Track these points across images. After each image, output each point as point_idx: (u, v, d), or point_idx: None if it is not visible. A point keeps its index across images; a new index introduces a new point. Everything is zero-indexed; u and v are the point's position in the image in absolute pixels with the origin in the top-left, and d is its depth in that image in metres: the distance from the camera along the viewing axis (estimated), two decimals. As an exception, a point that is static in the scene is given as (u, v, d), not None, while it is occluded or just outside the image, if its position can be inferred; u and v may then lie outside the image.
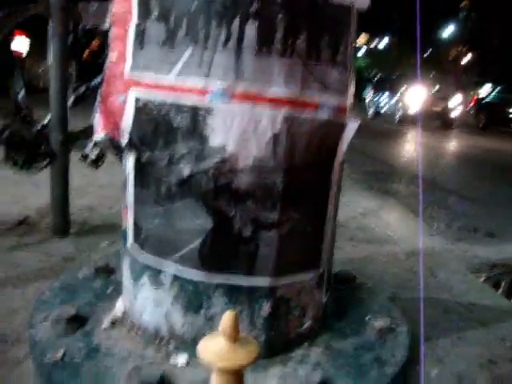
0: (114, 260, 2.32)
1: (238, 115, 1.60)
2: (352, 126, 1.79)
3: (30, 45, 10.35)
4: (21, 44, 10.11)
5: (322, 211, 1.86)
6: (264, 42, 1.58)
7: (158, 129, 1.68)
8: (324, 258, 1.92)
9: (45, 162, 3.01)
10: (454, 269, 3.10)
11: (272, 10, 1.58)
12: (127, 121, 1.74)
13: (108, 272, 2.34)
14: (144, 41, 1.69)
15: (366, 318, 2.13)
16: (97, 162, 2.98)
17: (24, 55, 10.33)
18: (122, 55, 1.76)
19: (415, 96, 16.85)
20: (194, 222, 1.68)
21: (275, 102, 1.62)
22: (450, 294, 2.70)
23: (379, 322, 2.05)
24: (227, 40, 1.58)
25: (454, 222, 4.46)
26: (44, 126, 3.01)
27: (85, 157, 2.97)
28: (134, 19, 1.71)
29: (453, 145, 12.77)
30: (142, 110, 1.70)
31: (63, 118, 2.76)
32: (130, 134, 1.74)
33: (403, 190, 5.81)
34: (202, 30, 1.59)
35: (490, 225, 4.41)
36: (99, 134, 1.82)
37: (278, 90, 1.61)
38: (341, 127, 1.78)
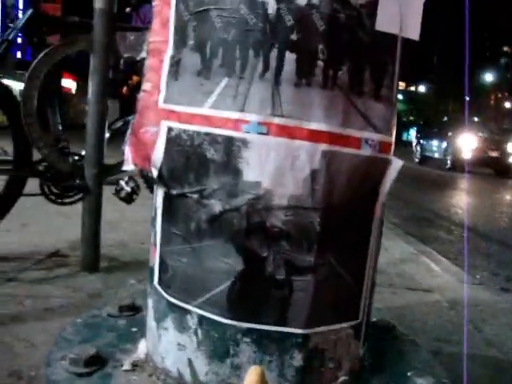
0: (141, 299, 2.21)
1: (274, 149, 1.50)
2: (396, 165, 1.65)
3: (78, 83, 10.69)
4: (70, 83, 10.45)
5: (362, 255, 1.71)
6: (303, 74, 1.48)
7: (189, 161, 1.59)
8: (363, 307, 1.75)
9: (78, 196, 2.96)
10: (501, 322, 2.86)
11: (312, 40, 1.49)
12: (158, 152, 1.65)
13: (133, 311, 2.22)
14: (179, 71, 1.61)
15: (408, 375, 1.93)
16: (131, 197, 2.91)
17: (73, 92, 10.66)
18: (156, 86, 1.69)
19: (467, 140, 15.20)
20: (224, 262, 1.56)
21: (314, 135, 1.50)
22: (499, 351, 2.46)
23: (422, 381, 1.86)
24: (264, 71, 1.48)
25: (500, 271, 4.20)
26: (79, 159, 2.98)
27: (118, 191, 2.91)
28: (170, 49, 1.65)
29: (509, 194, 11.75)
30: (173, 140, 1.62)
31: (99, 151, 2.72)
32: (161, 166, 1.65)
33: (445, 238, 5.56)
34: (239, 60, 1.50)
35: (538, 275, 4.13)
36: (129, 165, 1.74)
37: (317, 123, 1.50)
38: (384, 165, 1.65)
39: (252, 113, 1.49)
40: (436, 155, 18.11)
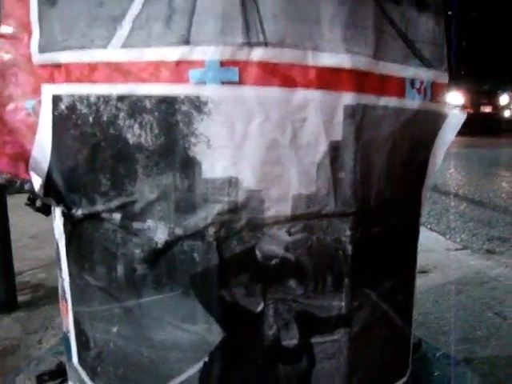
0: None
1: (256, 111, 0.72)
2: (454, 121, 0.92)
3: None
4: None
5: (410, 278, 0.97)
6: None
7: (98, 153, 0.79)
8: (411, 355, 1.04)
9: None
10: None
11: None
12: (42, 143, 0.84)
13: (58, 378, 1.41)
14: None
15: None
16: (49, 206, 2.06)
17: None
18: (24, 24, 0.87)
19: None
20: (186, 331, 0.78)
21: (330, 78, 0.73)
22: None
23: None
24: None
25: (478, 232, 3.56)
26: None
27: (32, 200, 2.04)
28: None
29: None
30: (65, 118, 0.81)
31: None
32: (49, 168, 0.84)
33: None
34: None
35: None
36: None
37: (333, 53, 0.73)
38: (436, 122, 0.91)
39: (206, 44, 0.70)
40: None
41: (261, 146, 0.72)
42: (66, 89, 0.80)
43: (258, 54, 0.70)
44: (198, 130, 0.72)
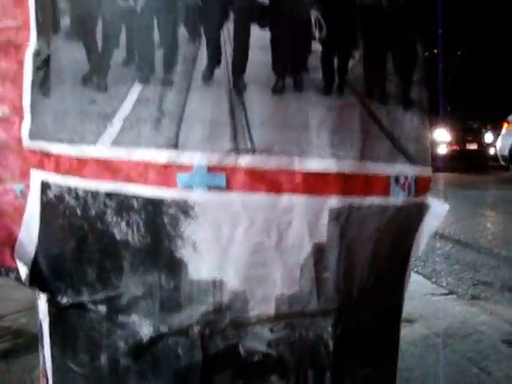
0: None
1: (242, 215, 0.73)
2: (437, 211, 0.93)
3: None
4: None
5: (393, 361, 0.98)
6: (287, 68, 0.72)
7: (85, 245, 0.79)
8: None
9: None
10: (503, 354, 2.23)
11: (300, 1, 0.73)
12: (29, 226, 0.85)
13: None
14: (50, 79, 0.81)
15: None
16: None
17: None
18: (16, 109, 0.87)
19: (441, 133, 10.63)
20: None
21: (316, 182, 0.75)
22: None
23: None
24: (212, 66, 0.71)
25: (463, 275, 3.56)
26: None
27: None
28: (33, 40, 0.84)
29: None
30: (53, 207, 0.81)
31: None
32: (36, 255, 0.84)
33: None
34: (159, 48, 0.72)
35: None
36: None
37: (319, 158, 0.74)
38: (420, 215, 0.92)
39: (194, 149, 0.72)
40: None
41: (246, 249, 0.73)
42: (54, 178, 0.81)
43: (245, 161, 0.71)
44: (184, 234, 0.72)
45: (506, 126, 7.90)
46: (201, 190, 0.71)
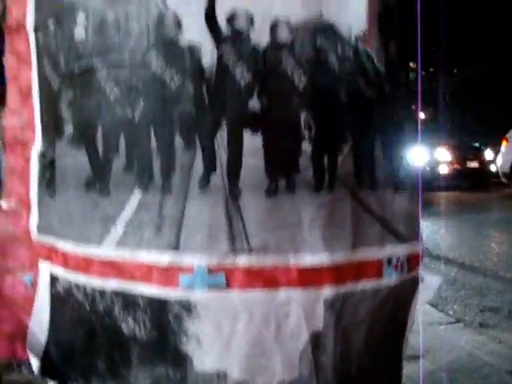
0: None
1: (242, 311, 0.77)
2: (432, 282, 0.98)
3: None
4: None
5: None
6: (279, 170, 0.77)
7: (94, 337, 0.84)
8: None
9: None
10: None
11: (288, 107, 0.78)
12: (39, 316, 0.89)
13: None
14: (55, 180, 0.86)
15: None
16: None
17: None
18: (24, 202, 0.93)
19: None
20: None
21: (311, 276, 0.79)
22: None
23: None
24: (208, 173, 0.76)
25: (470, 301, 3.45)
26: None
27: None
28: (38, 141, 0.89)
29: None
30: (62, 299, 0.86)
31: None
32: (47, 341, 0.89)
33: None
34: (158, 157, 0.77)
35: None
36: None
37: (313, 253, 0.79)
38: (413, 288, 0.96)
39: (194, 252, 0.76)
40: None
41: (247, 341, 0.77)
42: (63, 273, 0.86)
43: (243, 261, 0.76)
44: (188, 330, 0.77)
45: (504, 143, 7.90)
46: (202, 290, 0.76)
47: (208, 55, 0.75)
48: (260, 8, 0.77)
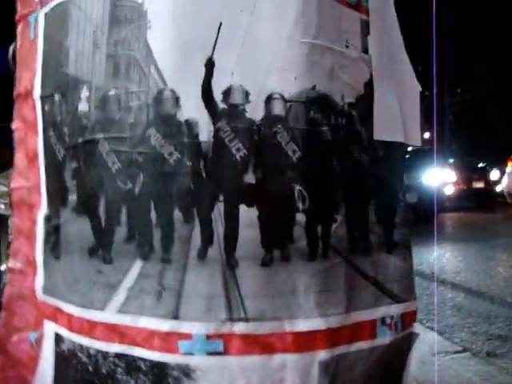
0: None
1: (239, 376, 0.80)
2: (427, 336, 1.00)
3: None
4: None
5: None
6: (274, 241, 0.81)
7: (97, 396, 0.87)
8: None
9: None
10: None
11: (283, 179, 0.82)
12: (44, 375, 0.93)
13: None
14: (60, 244, 0.90)
15: None
16: None
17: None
18: (30, 262, 0.97)
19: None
20: None
21: (305, 340, 0.82)
22: None
23: None
24: (206, 245, 0.80)
25: (477, 329, 3.38)
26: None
27: None
28: (43, 205, 0.94)
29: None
30: (68, 359, 0.90)
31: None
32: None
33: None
34: (158, 228, 0.81)
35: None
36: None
37: (307, 319, 0.82)
38: (408, 345, 0.99)
39: (193, 320, 0.80)
40: None
41: None
42: (67, 334, 0.89)
43: (239, 328, 0.79)
44: None
45: (510, 164, 7.89)
46: (201, 356, 0.79)
47: (205, 130, 0.79)
48: (255, 83, 0.81)
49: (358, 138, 0.89)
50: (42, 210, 0.94)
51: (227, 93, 0.80)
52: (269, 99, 0.81)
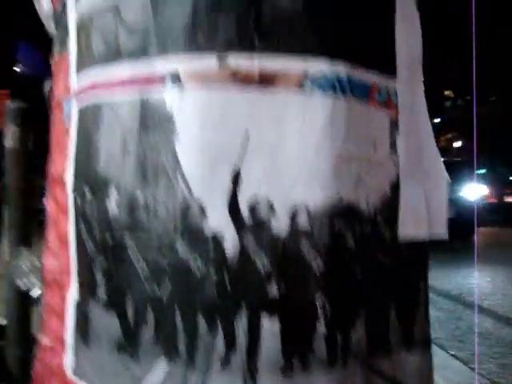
0: None
1: None
2: None
3: None
4: None
5: None
6: (294, 351, 0.83)
7: None
8: None
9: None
10: None
11: (305, 293, 0.84)
12: None
13: None
14: (90, 333, 0.94)
15: None
16: None
17: None
18: (59, 340, 1.02)
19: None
20: None
21: None
22: None
23: None
24: (228, 352, 0.83)
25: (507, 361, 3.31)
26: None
27: None
28: (74, 290, 0.99)
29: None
30: None
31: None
32: None
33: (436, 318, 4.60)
34: (181, 329, 0.85)
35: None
36: None
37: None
38: None
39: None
40: None
41: None
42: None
43: None
44: None
45: None
46: None
47: (230, 243, 0.82)
48: (281, 195, 0.83)
49: (383, 241, 0.90)
50: (72, 293, 0.98)
51: (253, 206, 0.82)
52: (293, 212, 0.83)
